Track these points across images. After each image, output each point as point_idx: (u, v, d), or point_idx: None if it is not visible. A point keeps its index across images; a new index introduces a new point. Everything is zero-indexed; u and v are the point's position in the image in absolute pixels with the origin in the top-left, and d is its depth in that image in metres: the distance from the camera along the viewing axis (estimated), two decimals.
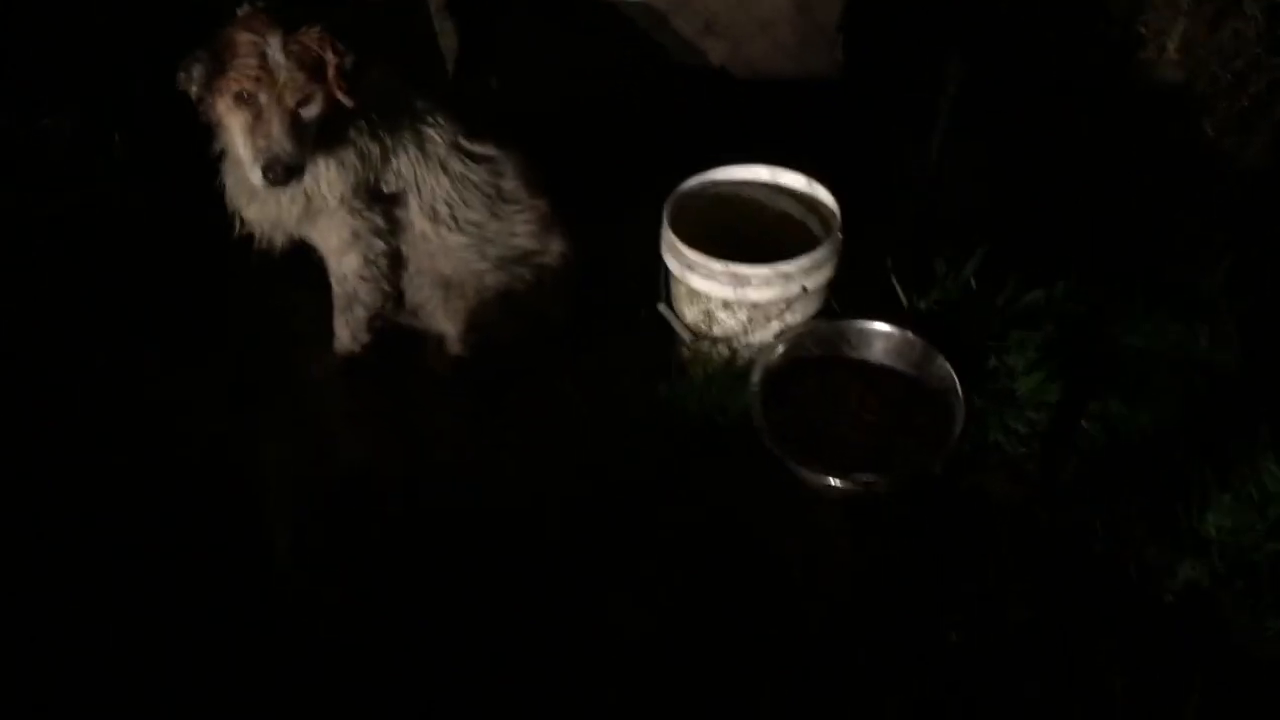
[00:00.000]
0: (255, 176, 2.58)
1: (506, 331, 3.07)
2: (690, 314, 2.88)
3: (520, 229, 3.09)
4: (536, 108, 3.89)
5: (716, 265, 2.73)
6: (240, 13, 2.62)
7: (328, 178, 2.77)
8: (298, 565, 2.69)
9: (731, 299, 2.76)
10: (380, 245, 2.94)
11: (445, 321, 3.08)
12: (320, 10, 2.73)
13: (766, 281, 2.73)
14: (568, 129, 3.81)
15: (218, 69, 2.55)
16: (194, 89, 2.59)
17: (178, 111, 2.70)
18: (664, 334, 3.00)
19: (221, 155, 2.81)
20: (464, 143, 3.00)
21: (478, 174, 3.02)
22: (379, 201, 2.92)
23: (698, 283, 2.78)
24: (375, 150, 2.82)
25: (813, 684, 2.40)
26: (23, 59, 3.46)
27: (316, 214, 2.84)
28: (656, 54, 3.98)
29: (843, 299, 2.91)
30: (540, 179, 3.16)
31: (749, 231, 3.01)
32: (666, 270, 2.90)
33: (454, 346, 3.09)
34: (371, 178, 2.85)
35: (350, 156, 2.78)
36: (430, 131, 2.93)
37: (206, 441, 2.91)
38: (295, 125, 2.58)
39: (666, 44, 3.96)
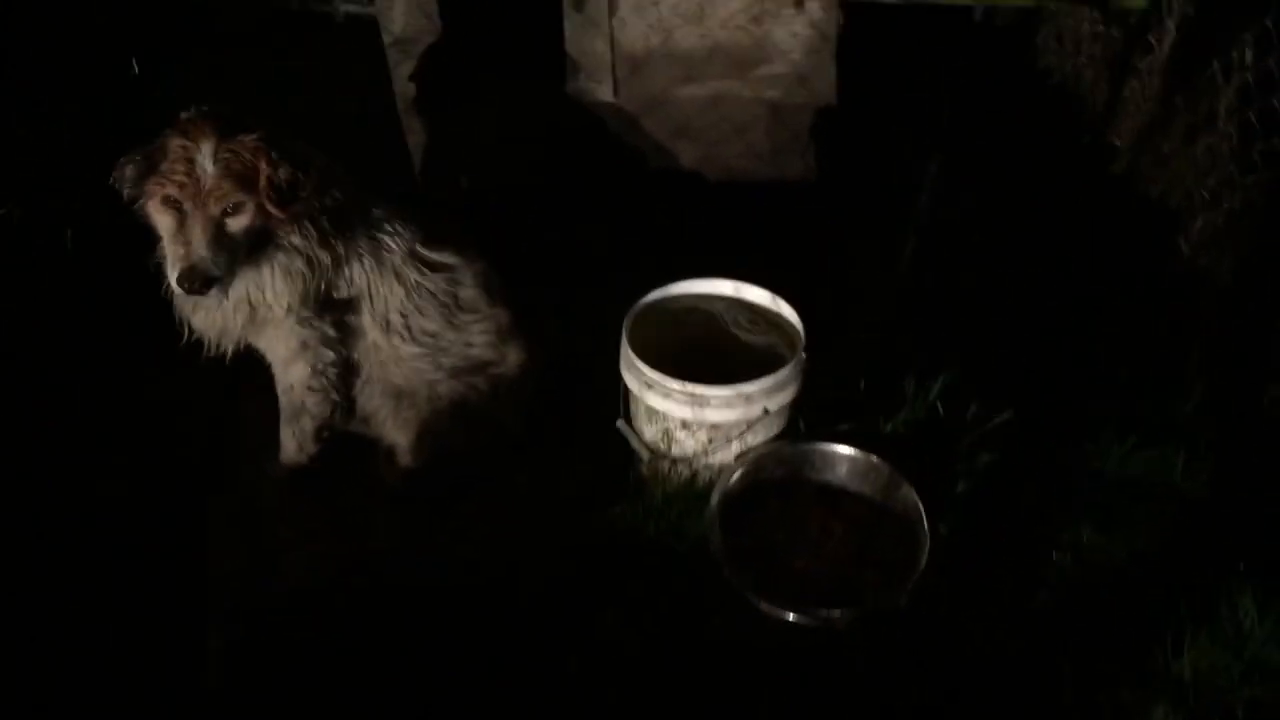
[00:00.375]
0: (172, 282, 2.51)
1: (459, 442, 2.97)
2: (649, 432, 2.79)
3: (477, 339, 3.00)
4: (504, 208, 3.84)
5: (674, 385, 2.64)
6: (183, 116, 2.55)
7: (273, 286, 2.68)
8: (235, 681, 2.56)
9: (691, 419, 2.67)
10: (329, 355, 2.85)
11: (396, 432, 2.97)
12: (276, 115, 2.69)
13: (727, 403, 2.64)
14: (535, 230, 3.76)
15: (148, 170, 2.48)
16: (126, 189, 2.52)
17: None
18: (622, 450, 2.89)
19: (162, 258, 2.72)
20: (421, 250, 2.92)
21: (434, 283, 2.93)
22: (329, 309, 2.83)
23: (656, 401, 2.69)
24: (326, 258, 2.73)
25: None
26: None
27: (263, 323, 2.75)
28: (629, 156, 3.93)
29: (807, 416, 2.81)
30: (500, 288, 3.08)
31: (712, 347, 2.92)
32: (625, 386, 2.80)
33: (404, 458, 2.98)
34: (321, 285, 2.76)
35: (297, 264, 2.69)
36: (386, 239, 2.85)
37: (145, 547, 2.80)
38: (219, 235, 2.50)
39: (639, 146, 3.92)
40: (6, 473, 2.89)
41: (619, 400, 2.89)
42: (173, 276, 2.50)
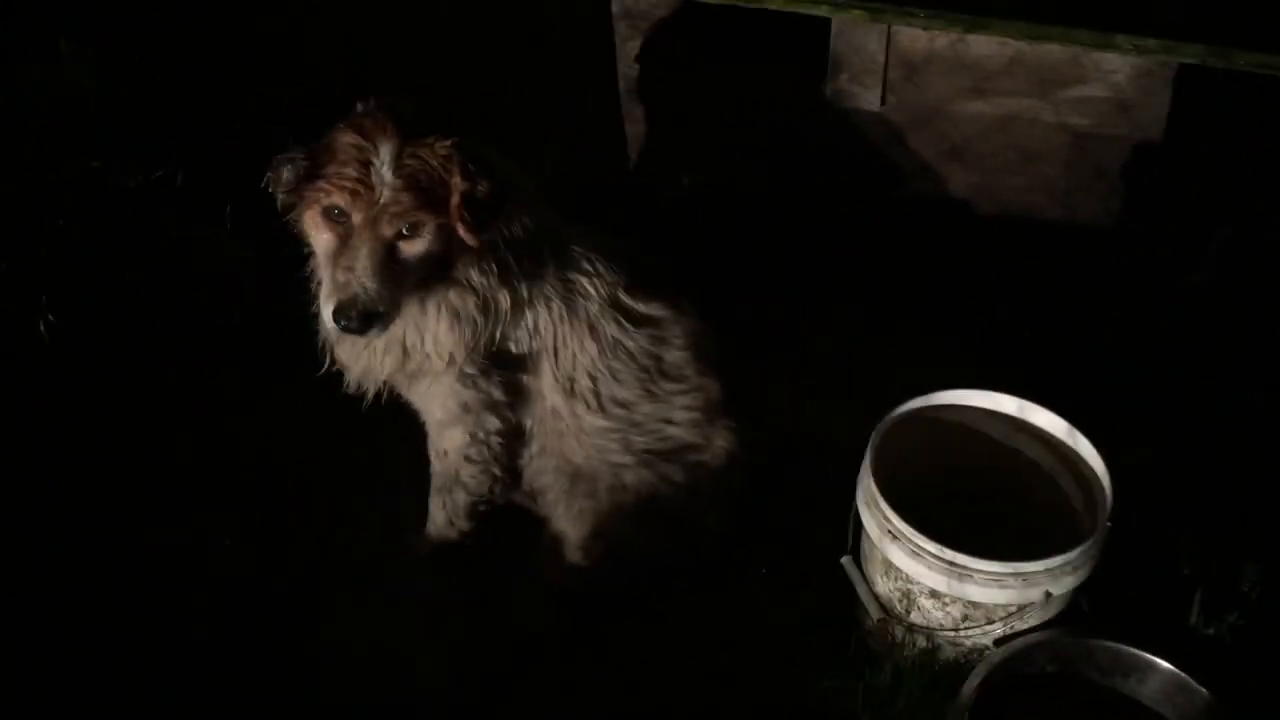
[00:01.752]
0: (326, 316, 1.98)
1: (642, 545, 2.39)
2: (883, 585, 2.15)
3: (679, 415, 2.41)
4: (731, 217, 3.21)
5: (929, 546, 1.99)
6: (359, 108, 2.02)
7: (435, 332, 2.15)
8: None
9: (944, 591, 2.01)
10: (495, 423, 2.30)
11: (566, 521, 2.42)
12: (475, 113, 2.12)
13: (996, 580, 1.98)
14: (763, 255, 3.12)
15: (310, 174, 1.96)
16: (281, 194, 2.01)
17: None
18: (846, 592, 2.26)
19: (312, 275, 2.22)
20: (624, 298, 2.34)
21: (635, 340, 2.35)
22: (500, 367, 2.28)
23: (900, 558, 2.04)
24: (505, 301, 2.18)
25: None
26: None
27: (416, 374, 2.23)
28: (888, 175, 3.23)
29: (1096, 593, 2.12)
30: (713, 351, 2.46)
31: (983, 483, 2.25)
32: (858, 517, 2.16)
33: (573, 553, 2.42)
34: (495, 335, 2.21)
35: (469, 307, 2.15)
36: (582, 281, 2.28)
37: (263, 621, 2.37)
38: (389, 261, 1.97)
39: (901, 165, 3.21)
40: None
41: (848, 525, 2.25)
42: (327, 309, 1.97)
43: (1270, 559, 2.15)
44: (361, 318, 1.94)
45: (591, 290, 2.29)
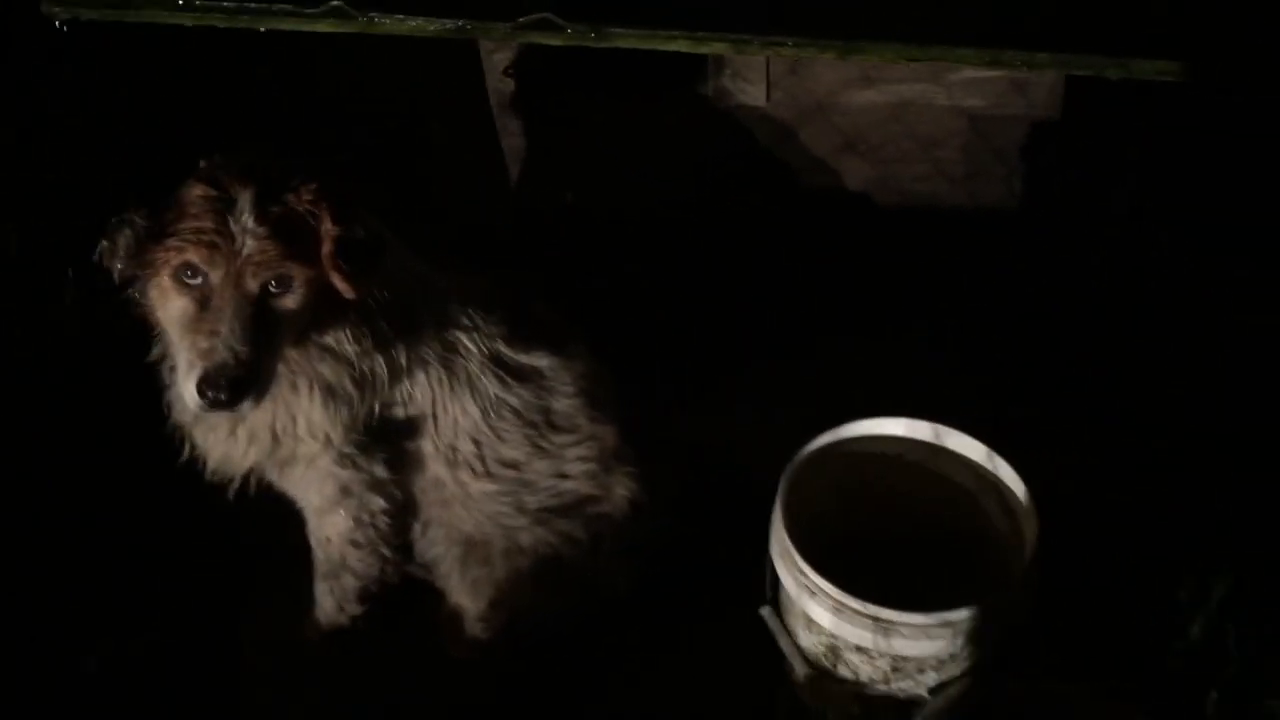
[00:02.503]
0: (188, 393, 1.73)
1: (545, 611, 2.22)
2: (808, 640, 1.99)
3: (573, 467, 2.24)
4: (618, 229, 3.03)
5: (851, 603, 1.84)
6: (203, 164, 1.79)
7: (308, 413, 1.95)
8: None
9: (870, 647, 1.86)
10: (379, 503, 2.11)
11: (462, 593, 2.24)
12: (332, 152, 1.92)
13: (925, 633, 1.83)
14: (655, 260, 2.95)
15: (154, 234, 1.72)
16: (118, 265, 1.76)
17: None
18: (767, 643, 2.11)
19: (162, 358, 1.99)
20: (505, 351, 2.15)
21: (520, 395, 2.16)
22: (382, 440, 2.08)
23: (820, 615, 1.89)
24: (382, 371, 1.98)
25: None
26: None
27: (287, 461, 2.02)
28: (780, 174, 3.07)
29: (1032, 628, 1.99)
30: (607, 392, 2.30)
31: (902, 512, 2.12)
32: (773, 565, 2.01)
33: (473, 626, 2.25)
34: (374, 409, 2.01)
35: (344, 382, 1.95)
36: (461, 338, 2.08)
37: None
38: (258, 322, 1.73)
39: (793, 162, 3.05)
40: None
41: (765, 570, 2.09)
42: (189, 385, 1.71)
43: (1207, 569, 2.03)
44: (232, 387, 1.69)
45: (471, 347, 2.10)
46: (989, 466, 2.04)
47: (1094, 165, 2.88)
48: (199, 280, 1.72)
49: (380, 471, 2.08)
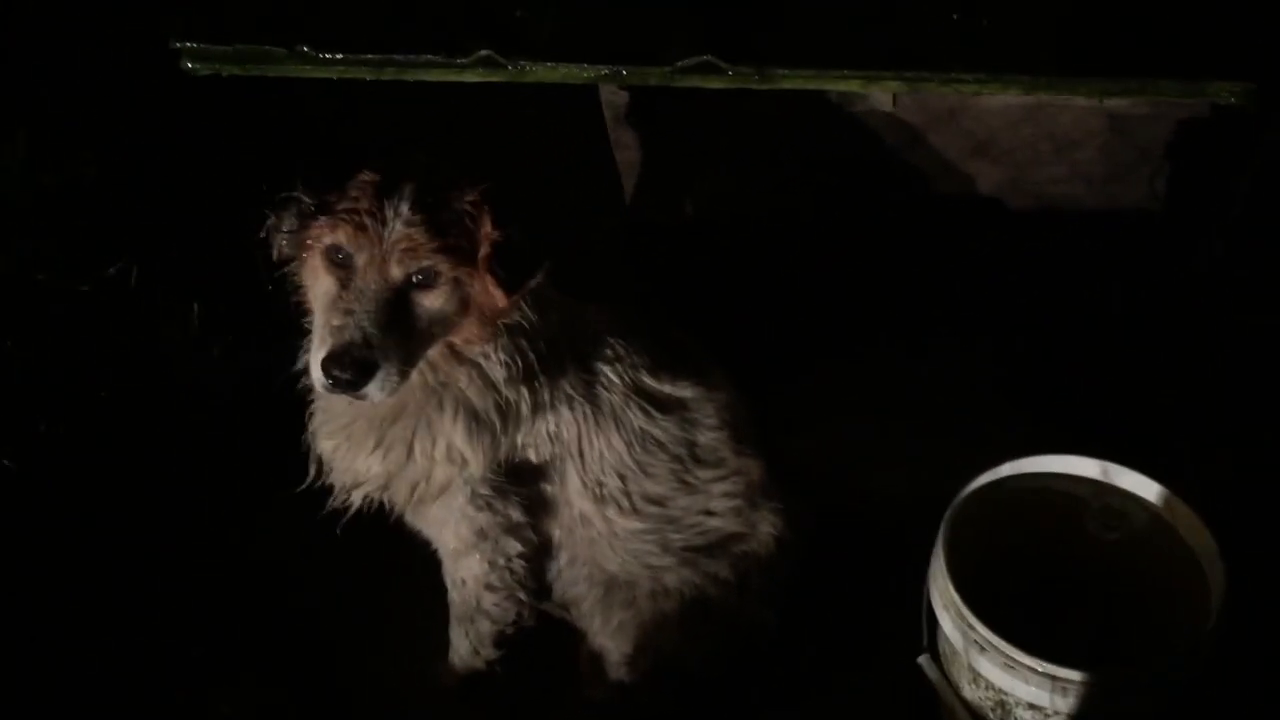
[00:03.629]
0: (315, 371, 1.67)
1: (690, 654, 2.14)
2: (971, 694, 1.89)
3: (719, 504, 2.16)
4: (739, 243, 2.94)
5: (1024, 660, 1.73)
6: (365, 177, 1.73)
7: (449, 436, 1.88)
8: None
9: (1045, 705, 1.76)
10: (516, 547, 2.05)
11: (605, 636, 2.17)
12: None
13: (1107, 692, 1.72)
14: (776, 273, 2.86)
15: (314, 213, 1.68)
16: (280, 241, 1.74)
17: None
18: (924, 691, 2.01)
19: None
20: (648, 382, 2.08)
21: (664, 428, 2.09)
22: (518, 482, 2.02)
23: (989, 670, 1.79)
24: (525, 405, 1.91)
25: None
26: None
27: (422, 494, 1.96)
28: (907, 179, 2.95)
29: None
30: (750, 423, 2.21)
31: (1066, 555, 2.00)
32: (932, 613, 1.91)
33: (615, 670, 2.18)
34: (515, 445, 1.95)
35: (489, 408, 1.88)
36: (605, 371, 2.01)
37: None
38: (397, 309, 1.67)
39: (921, 167, 2.92)
40: None
41: (920, 614, 2.00)
42: (317, 360, 1.66)
43: None
44: (357, 367, 1.63)
45: (615, 379, 2.03)
46: (1164, 508, 1.91)
47: (1245, 165, 2.71)
48: (346, 261, 1.67)
49: (516, 515, 2.02)
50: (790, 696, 2.15)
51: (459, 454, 1.90)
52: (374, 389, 1.66)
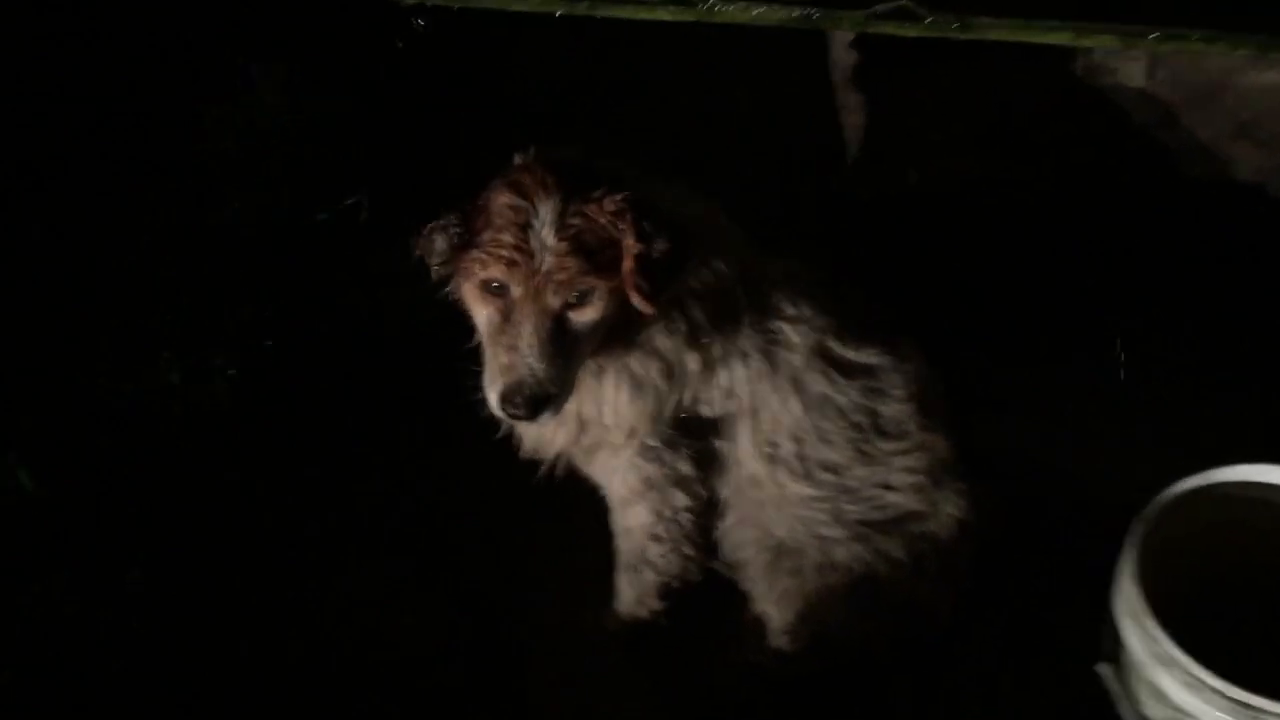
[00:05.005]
0: (492, 402, 1.77)
1: (855, 632, 2.07)
2: (1155, 712, 1.74)
3: (899, 478, 2.08)
4: (964, 214, 2.80)
5: (1213, 682, 1.58)
6: (517, 161, 1.79)
7: (614, 404, 1.91)
8: None
9: None
10: (683, 499, 2.04)
11: (768, 602, 2.13)
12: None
13: None
14: (1002, 251, 2.70)
15: (464, 241, 1.74)
16: (435, 265, 1.80)
17: None
18: (1101, 700, 1.87)
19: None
20: (833, 346, 2.02)
21: (847, 394, 2.03)
22: (689, 435, 2.01)
23: (1174, 689, 1.64)
24: (694, 364, 1.91)
25: None
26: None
27: (593, 447, 1.98)
28: (1159, 160, 2.73)
29: None
30: (942, 399, 2.11)
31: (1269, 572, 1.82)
32: (1117, 623, 1.77)
33: (776, 637, 2.13)
34: (681, 401, 1.93)
35: (652, 374, 1.89)
36: (785, 329, 1.98)
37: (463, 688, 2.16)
38: (558, 335, 1.73)
39: (1175, 147, 2.70)
40: None
41: (1104, 620, 1.85)
42: (493, 394, 1.76)
43: None
44: (530, 404, 1.72)
45: (795, 339, 1.99)
46: None
47: None
48: (503, 292, 1.72)
49: (685, 468, 2.01)
50: (955, 690, 2.04)
51: (625, 420, 1.93)
52: (546, 417, 1.77)
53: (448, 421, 2.34)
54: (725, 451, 2.05)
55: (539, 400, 1.72)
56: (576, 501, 2.19)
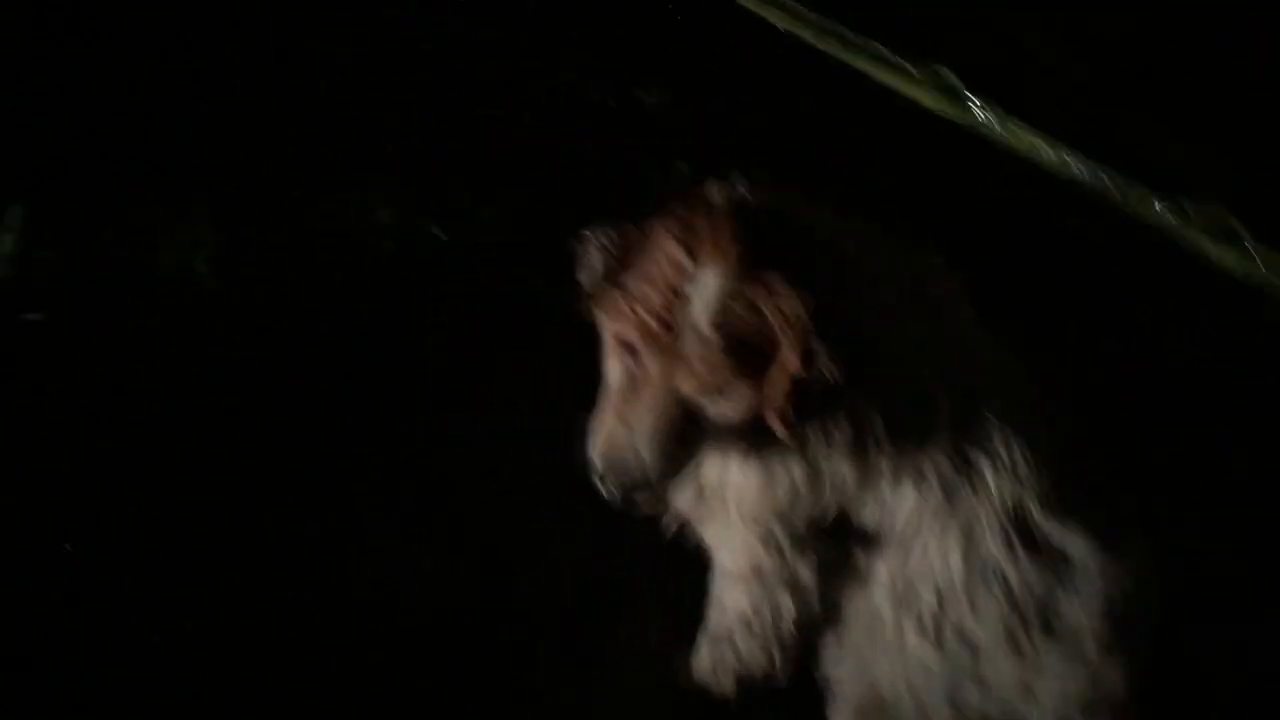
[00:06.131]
0: (591, 456, 1.56)
1: None
2: None
3: (1045, 691, 1.71)
4: None
5: None
6: (704, 191, 1.52)
7: (739, 484, 1.65)
8: None
9: None
10: (789, 607, 1.77)
11: None
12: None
13: None
14: None
15: (614, 272, 1.51)
16: (586, 280, 1.57)
17: None
18: None
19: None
20: (1033, 511, 1.65)
21: (1024, 573, 1.67)
22: (823, 539, 1.71)
23: None
24: (848, 473, 1.61)
25: None
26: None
27: (708, 512, 1.73)
28: None
29: None
30: (1142, 618, 1.71)
31: None
32: None
33: None
34: (829, 510, 1.64)
35: (793, 472, 1.61)
36: (983, 465, 1.62)
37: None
38: (677, 428, 1.49)
39: None
40: None
41: None
42: (593, 449, 1.56)
43: None
44: (623, 490, 1.53)
45: (990, 484, 1.63)
46: None
47: None
48: (635, 354, 1.49)
49: (805, 576, 1.74)
50: None
51: (747, 508, 1.67)
52: (637, 506, 1.64)
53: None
54: (861, 566, 1.74)
55: (634, 488, 1.53)
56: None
